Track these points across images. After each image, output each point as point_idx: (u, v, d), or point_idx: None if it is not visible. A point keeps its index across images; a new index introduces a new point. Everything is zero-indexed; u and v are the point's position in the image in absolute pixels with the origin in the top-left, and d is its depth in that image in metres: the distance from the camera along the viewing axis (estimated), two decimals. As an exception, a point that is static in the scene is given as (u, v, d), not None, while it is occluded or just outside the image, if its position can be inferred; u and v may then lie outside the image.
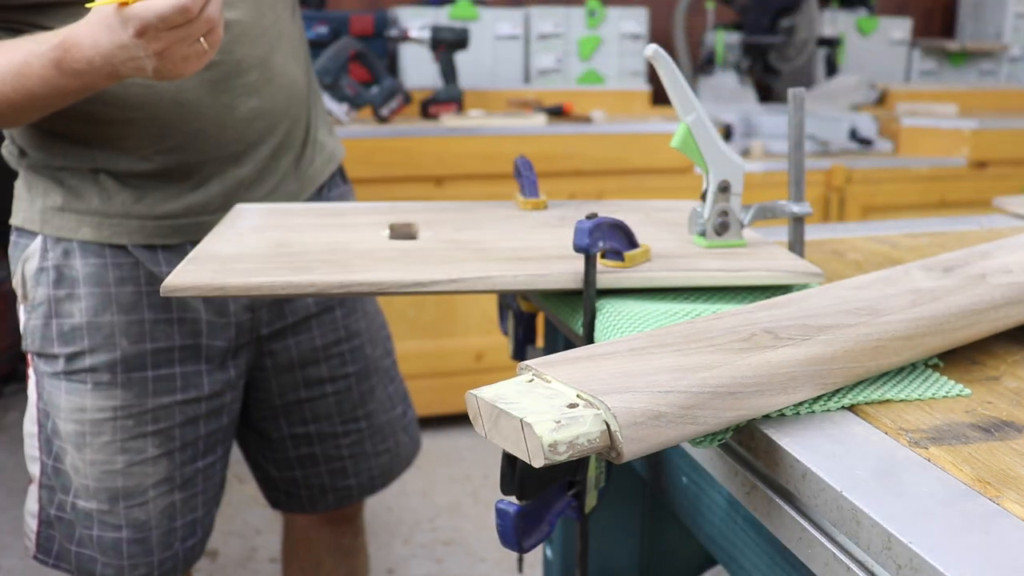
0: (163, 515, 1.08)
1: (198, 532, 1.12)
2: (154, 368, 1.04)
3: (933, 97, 3.09)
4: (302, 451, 1.20)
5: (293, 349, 1.14)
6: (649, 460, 0.76)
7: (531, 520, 0.58)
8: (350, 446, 1.21)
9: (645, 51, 0.76)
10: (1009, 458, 0.48)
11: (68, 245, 1.02)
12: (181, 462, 1.08)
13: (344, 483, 1.23)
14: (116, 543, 1.06)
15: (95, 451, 1.04)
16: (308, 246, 0.80)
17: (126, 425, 1.04)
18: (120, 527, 1.06)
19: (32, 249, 1.03)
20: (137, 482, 1.05)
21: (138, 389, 1.04)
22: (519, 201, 0.97)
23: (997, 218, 1.13)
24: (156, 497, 1.07)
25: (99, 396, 1.03)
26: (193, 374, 1.07)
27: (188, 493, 1.09)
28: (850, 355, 0.56)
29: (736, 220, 0.81)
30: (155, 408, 1.05)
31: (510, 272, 0.72)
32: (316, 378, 1.17)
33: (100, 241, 1.01)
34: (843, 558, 0.47)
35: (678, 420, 0.48)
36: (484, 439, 0.74)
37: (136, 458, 1.05)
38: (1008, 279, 0.66)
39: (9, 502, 2.31)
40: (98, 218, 1.01)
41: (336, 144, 1.21)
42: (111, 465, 1.04)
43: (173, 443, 1.07)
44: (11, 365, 2.91)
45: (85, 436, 1.04)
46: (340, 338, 1.17)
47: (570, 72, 2.98)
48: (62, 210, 1.01)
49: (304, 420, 1.18)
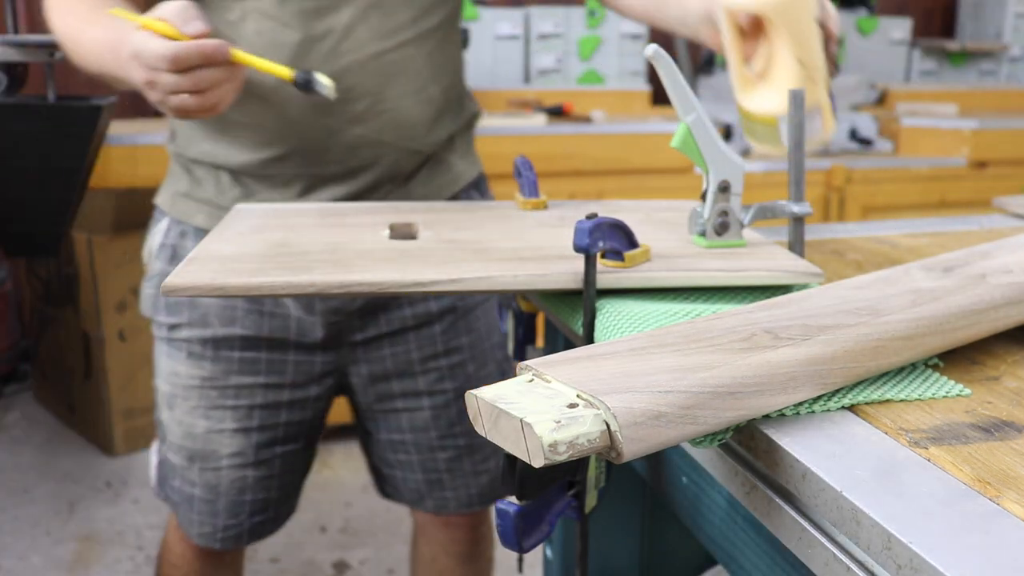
0: (233, 486, 1.15)
1: (269, 511, 1.19)
2: (241, 350, 1.11)
3: (933, 97, 3.09)
4: (400, 456, 1.22)
5: (388, 360, 1.16)
6: (649, 460, 0.76)
7: (531, 520, 0.58)
8: (448, 460, 1.21)
9: (645, 51, 0.76)
10: (1009, 458, 0.48)
11: (185, 228, 1.12)
12: (258, 443, 1.14)
13: (441, 494, 1.23)
14: (190, 498, 1.16)
15: (183, 413, 1.13)
16: (308, 246, 0.80)
17: (210, 395, 1.12)
18: (195, 484, 1.16)
19: (160, 227, 1.14)
20: (213, 448, 1.13)
21: (224, 365, 1.11)
22: (519, 201, 0.97)
23: (997, 218, 1.13)
24: (229, 467, 1.14)
25: (191, 365, 1.12)
26: (279, 362, 1.12)
27: (262, 473, 1.16)
28: (850, 355, 0.56)
29: (736, 220, 0.81)
30: (238, 386, 1.12)
31: (510, 272, 0.72)
32: (413, 390, 1.18)
33: (208, 228, 1.08)
34: (843, 558, 0.47)
35: (678, 420, 0.48)
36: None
37: (215, 426, 1.13)
38: (1008, 279, 0.66)
39: (9, 502, 2.31)
40: (211, 208, 1.09)
41: (469, 165, 1.19)
42: (193, 428, 1.13)
43: (251, 421, 1.13)
44: (11, 365, 2.91)
45: (176, 398, 1.14)
46: (438, 353, 1.17)
47: (570, 72, 2.98)
48: (186, 196, 1.11)
49: (401, 429, 1.20)
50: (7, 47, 1.95)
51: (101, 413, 2.53)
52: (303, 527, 2.17)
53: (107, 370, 2.48)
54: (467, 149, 1.20)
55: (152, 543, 2.14)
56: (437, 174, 1.14)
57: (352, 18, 1.01)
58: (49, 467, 2.50)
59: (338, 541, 2.17)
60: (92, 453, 2.57)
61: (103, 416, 2.53)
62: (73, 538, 2.16)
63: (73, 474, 2.46)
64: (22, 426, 2.73)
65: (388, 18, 1.03)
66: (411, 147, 1.09)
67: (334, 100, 0.99)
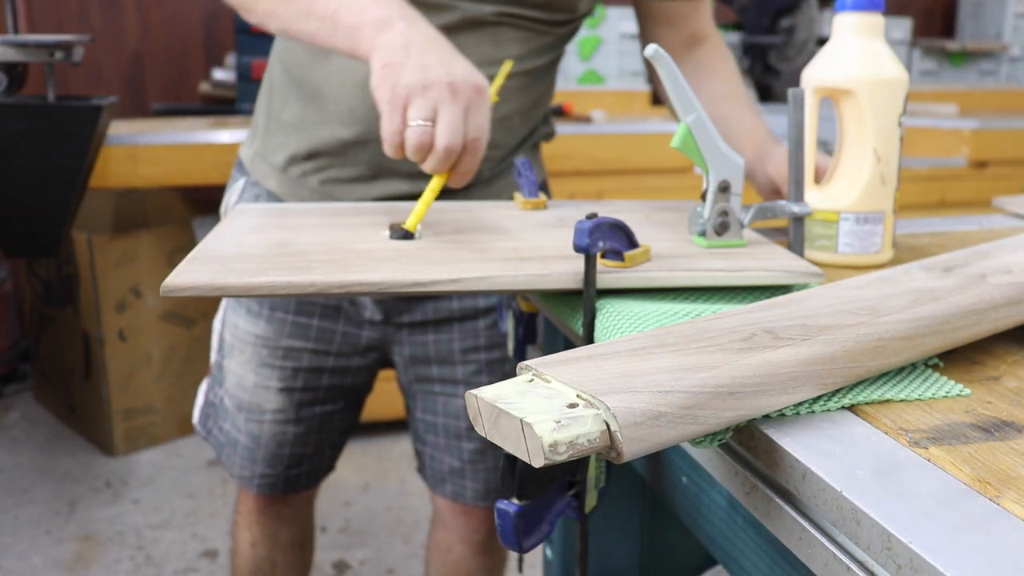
0: (273, 439, 1.21)
1: (304, 465, 1.25)
2: (295, 314, 1.15)
3: (933, 97, 3.09)
4: (430, 437, 1.25)
5: (431, 346, 1.19)
6: (649, 460, 0.76)
7: (531, 520, 0.58)
8: (472, 452, 1.23)
9: (645, 51, 0.76)
10: (1009, 458, 0.48)
11: (259, 190, 1.15)
12: (299, 402, 1.20)
13: (461, 482, 1.26)
14: (235, 441, 1.23)
15: (237, 364, 1.20)
16: (308, 246, 0.80)
17: (261, 353, 1.17)
18: (240, 431, 1.22)
19: (237, 185, 1.18)
20: (259, 402, 1.20)
21: (277, 326, 1.16)
22: (519, 201, 0.97)
23: (997, 218, 1.13)
24: (271, 422, 1.20)
25: (249, 321, 1.17)
26: (328, 330, 1.17)
27: (302, 430, 1.22)
28: (850, 355, 0.56)
29: (736, 220, 0.81)
30: (288, 347, 1.17)
31: (510, 272, 0.72)
32: (451, 378, 1.20)
33: (278, 193, 1.13)
34: (843, 558, 0.47)
35: (678, 420, 0.48)
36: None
37: (262, 382, 1.18)
38: (1008, 279, 0.66)
39: (9, 502, 2.31)
40: (282, 176, 1.13)
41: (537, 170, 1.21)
42: (244, 380, 1.20)
43: (296, 382, 1.18)
44: (11, 365, 2.91)
45: (234, 350, 1.20)
46: (479, 347, 1.19)
47: (570, 72, 2.98)
48: (265, 159, 1.15)
49: (435, 411, 1.23)
50: (7, 47, 1.95)
51: (101, 413, 2.53)
52: (303, 527, 2.17)
53: (107, 370, 2.48)
54: (535, 156, 1.23)
55: (152, 543, 2.14)
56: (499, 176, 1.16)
57: (466, 39, 1.01)
58: (49, 467, 2.50)
59: (338, 541, 2.16)
60: (92, 453, 2.57)
61: (103, 416, 2.53)
62: (73, 538, 2.16)
63: (73, 474, 2.46)
64: (22, 426, 2.73)
65: (497, 49, 1.05)
66: (489, 155, 1.10)
67: None
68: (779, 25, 2.96)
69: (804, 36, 2.93)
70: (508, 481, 0.55)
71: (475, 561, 1.33)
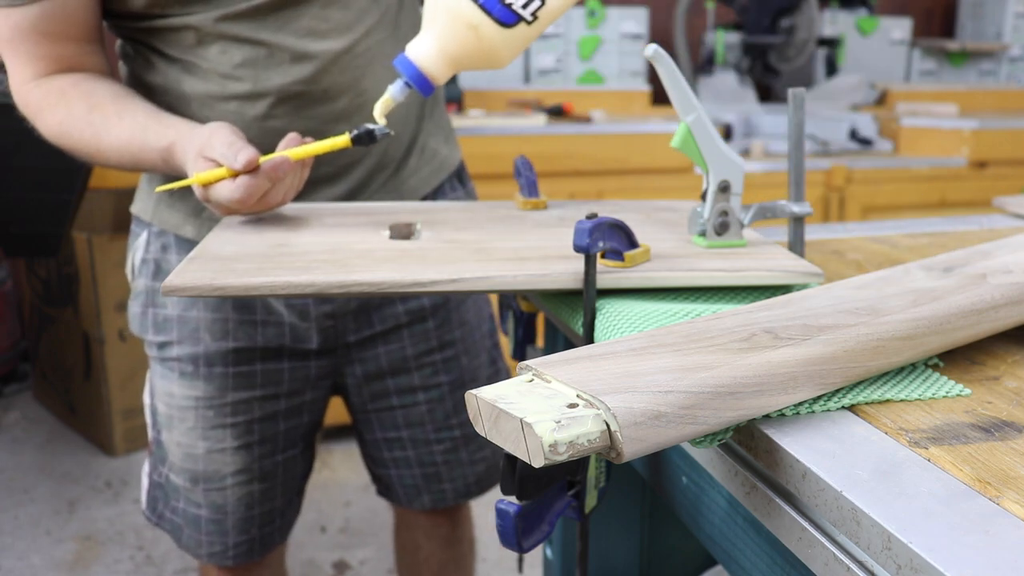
0: (240, 503, 1.13)
1: (276, 520, 1.18)
2: (235, 365, 1.08)
3: (933, 97, 3.09)
4: (395, 454, 1.22)
5: (383, 358, 1.15)
6: (649, 460, 0.76)
7: (531, 520, 0.58)
8: (444, 452, 1.21)
9: (645, 51, 0.76)
10: (1009, 458, 0.48)
11: (167, 240, 1.07)
12: (260, 455, 1.12)
13: (439, 487, 1.24)
14: (196, 519, 1.14)
15: (180, 434, 1.10)
16: (308, 246, 0.80)
17: (207, 415, 1.09)
18: (200, 506, 1.13)
19: (140, 241, 1.09)
20: (216, 468, 1.11)
21: (219, 383, 1.08)
22: (519, 201, 0.97)
23: (997, 218, 1.13)
24: (234, 485, 1.12)
25: (184, 385, 1.09)
26: (274, 371, 1.10)
27: (267, 484, 1.14)
28: (850, 355, 0.56)
29: (736, 220, 0.81)
30: (235, 402, 1.09)
31: (510, 272, 0.72)
32: (408, 386, 1.17)
33: (197, 240, 1.05)
34: (843, 558, 0.47)
35: (678, 420, 0.48)
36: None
37: (216, 446, 1.10)
38: (1008, 279, 0.66)
39: (9, 502, 2.31)
40: (199, 219, 1.05)
41: (452, 150, 1.19)
42: (193, 449, 1.10)
43: (252, 436, 1.11)
44: (11, 365, 2.91)
45: (173, 419, 1.11)
46: (432, 348, 1.17)
47: (570, 72, 2.98)
48: (171, 206, 1.06)
49: (396, 426, 1.20)
50: (7, 47, 1.95)
51: (101, 413, 2.53)
52: (303, 527, 2.17)
53: (107, 370, 2.48)
54: (448, 133, 1.20)
55: (152, 543, 2.14)
56: (424, 162, 1.14)
57: (313, 19, 0.98)
58: (49, 467, 2.50)
59: (338, 541, 2.16)
60: (92, 453, 2.57)
61: (103, 416, 2.53)
62: (73, 538, 2.16)
63: (73, 474, 2.46)
64: (22, 426, 2.73)
65: (347, 10, 1.00)
66: (400, 132, 1.08)
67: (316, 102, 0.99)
68: (779, 25, 2.96)
69: (804, 36, 2.93)
70: (508, 481, 0.55)
71: (445, 554, 1.32)
